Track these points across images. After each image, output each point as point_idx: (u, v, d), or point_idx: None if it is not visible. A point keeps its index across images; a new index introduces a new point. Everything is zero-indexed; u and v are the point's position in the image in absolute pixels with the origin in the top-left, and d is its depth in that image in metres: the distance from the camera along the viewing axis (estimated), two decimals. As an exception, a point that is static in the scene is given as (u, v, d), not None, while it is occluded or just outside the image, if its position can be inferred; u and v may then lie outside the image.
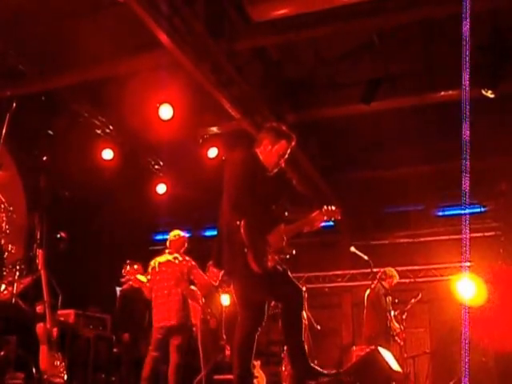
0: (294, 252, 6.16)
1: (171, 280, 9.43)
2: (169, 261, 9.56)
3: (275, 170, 6.25)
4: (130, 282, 10.22)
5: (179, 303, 9.33)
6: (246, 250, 5.66)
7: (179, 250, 9.72)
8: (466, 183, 5.56)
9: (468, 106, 5.60)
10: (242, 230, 5.65)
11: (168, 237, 9.87)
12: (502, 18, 9.63)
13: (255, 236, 5.72)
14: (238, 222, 5.69)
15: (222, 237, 6.02)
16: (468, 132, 5.56)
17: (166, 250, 9.81)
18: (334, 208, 6.31)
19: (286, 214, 6.24)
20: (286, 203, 6.41)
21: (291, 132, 6.41)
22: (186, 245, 9.86)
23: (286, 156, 6.30)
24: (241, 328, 5.96)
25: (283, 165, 6.33)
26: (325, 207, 6.29)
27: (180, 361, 9.21)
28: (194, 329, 10.02)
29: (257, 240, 5.74)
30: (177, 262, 9.55)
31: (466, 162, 5.52)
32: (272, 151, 6.17)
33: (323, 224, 6.38)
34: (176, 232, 9.94)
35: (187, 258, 9.60)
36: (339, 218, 6.35)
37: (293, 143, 6.34)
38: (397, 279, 11.23)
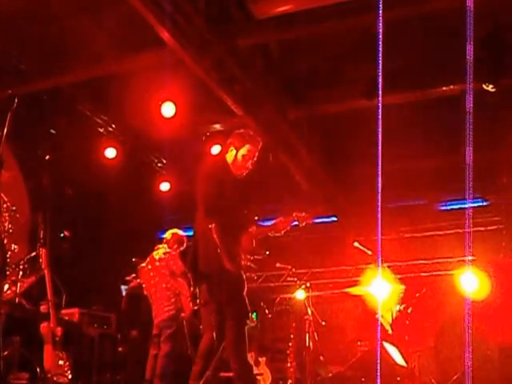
0: (267, 253, 6.45)
1: (160, 276, 9.65)
2: (160, 258, 9.76)
3: (244, 174, 6.59)
4: (138, 280, 10.30)
5: (169, 297, 9.53)
6: (218, 250, 5.89)
7: (173, 246, 9.88)
8: (468, 177, 5.56)
9: (470, 100, 5.60)
10: (213, 232, 5.90)
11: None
12: (503, 11, 9.61)
13: (226, 237, 5.97)
14: (209, 226, 5.94)
15: (197, 240, 6.32)
16: (471, 126, 5.56)
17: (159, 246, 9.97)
18: (304, 214, 6.73)
19: (256, 217, 6.49)
20: (256, 206, 6.68)
21: (256, 136, 6.77)
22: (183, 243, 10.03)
23: (254, 160, 6.61)
24: (230, 323, 6.12)
25: (250, 168, 6.62)
26: (295, 213, 6.68)
27: (168, 350, 9.36)
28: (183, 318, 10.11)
29: (228, 241, 5.99)
30: (163, 256, 9.74)
31: (469, 156, 5.52)
32: (238, 156, 6.51)
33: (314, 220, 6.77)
34: (173, 230, 10.13)
35: (172, 252, 9.78)
36: (311, 222, 6.77)
37: (259, 146, 6.64)
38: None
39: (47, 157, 9.80)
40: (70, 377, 7.99)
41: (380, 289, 11.53)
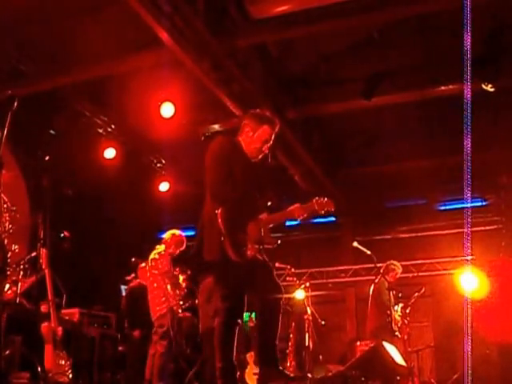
0: (278, 242, 6.00)
1: (153, 276, 9.74)
2: (152, 259, 9.83)
3: (259, 157, 6.21)
4: (137, 280, 10.33)
5: (159, 297, 9.60)
6: (222, 238, 5.58)
7: (171, 246, 9.92)
8: (467, 177, 5.58)
9: (469, 100, 5.62)
10: (218, 219, 5.60)
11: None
12: (502, 11, 9.63)
13: (232, 224, 5.65)
14: (216, 211, 5.64)
15: (202, 226, 5.96)
16: (469, 126, 5.57)
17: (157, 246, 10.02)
18: (326, 200, 6.14)
19: (270, 203, 6.15)
20: (271, 192, 6.32)
21: (274, 117, 6.32)
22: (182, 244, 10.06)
23: (271, 142, 6.23)
24: (220, 320, 5.83)
25: (267, 151, 6.25)
26: (315, 199, 6.14)
27: (162, 349, 9.39)
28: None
29: (234, 228, 5.65)
30: (154, 257, 9.82)
31: (468, 156, 5.54)
32: (254, 137, 6.13)
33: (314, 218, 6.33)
34: (172, 231, 10.16)
35: (162, 253, 9.84)
36: (333, 209, 6.15)
37: (276, 128, 6.23)
38: (400, 272, 11.24)
39: (47, 157, 9.80)
40: (70, 376, 7.99)
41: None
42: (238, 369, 6.02)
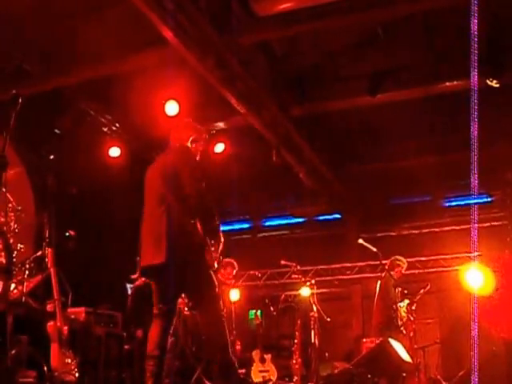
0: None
1: None
2: None
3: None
4: (142, 278, 10.32)
5: None
6: (206, 248, 5.92)
7: None
8: (473, 173, 5.57)
9: (476, 96, 5.61)
10: (197, 229, 5.91)
11: None
12: (506, 6, 9.61)
13: (209, 234, 6.02)
14: (191, 220, 5.91)
15: (171, 232, 6.08)
16: (475, 121, 5.56)
17: None
18: None
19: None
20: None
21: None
22: None
23: None
24: (212, 321, 6.13)
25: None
26: None
27: (168, 347, 9.37)
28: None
29: (209, 238, 6.03)
30: None
31: (473, 152, 5.53)
32: (198, 147, 6.59)
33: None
34: None
35: None
36: None
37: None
38: (405, 267, 11.23)
39: (52, 156, 9.81)
40: (76, 375, 7.99)
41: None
42: (243, 366, 6.15)
